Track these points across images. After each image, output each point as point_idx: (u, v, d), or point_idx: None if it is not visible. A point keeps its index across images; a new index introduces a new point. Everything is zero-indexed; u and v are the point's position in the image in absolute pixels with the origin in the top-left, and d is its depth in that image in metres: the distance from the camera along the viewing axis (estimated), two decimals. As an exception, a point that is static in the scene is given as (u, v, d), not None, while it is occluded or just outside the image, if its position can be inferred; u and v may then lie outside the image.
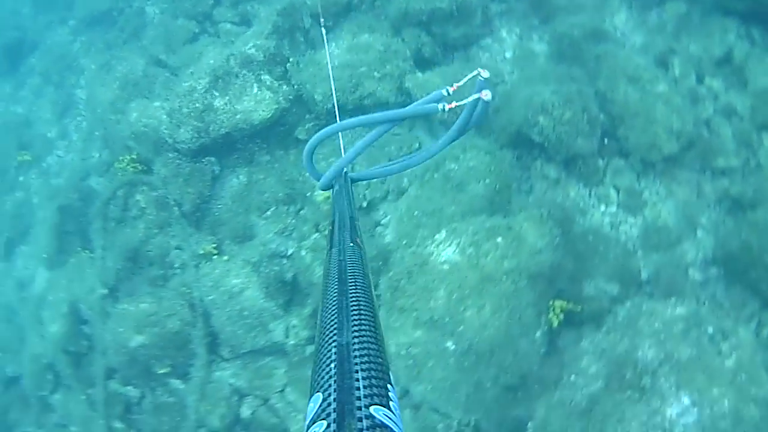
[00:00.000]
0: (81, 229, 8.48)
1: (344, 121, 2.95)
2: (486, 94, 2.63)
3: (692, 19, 7.35)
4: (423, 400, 5.87)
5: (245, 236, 7.12)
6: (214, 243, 7.11)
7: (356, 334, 1.35)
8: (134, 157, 7.63)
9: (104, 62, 9.28)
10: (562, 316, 5.78)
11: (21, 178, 10.20)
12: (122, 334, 6.73)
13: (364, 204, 6.89)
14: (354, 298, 1.55)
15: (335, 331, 1.36)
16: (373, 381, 1.18)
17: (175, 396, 6.82)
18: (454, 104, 2.67)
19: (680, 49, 7.09)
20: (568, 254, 6.04)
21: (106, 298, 7.23)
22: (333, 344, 1.31)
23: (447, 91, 2.77)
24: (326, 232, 6.50)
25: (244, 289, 6.58)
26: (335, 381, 1.16)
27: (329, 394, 1.11)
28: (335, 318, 1.44)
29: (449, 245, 5.64)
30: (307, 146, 2.99)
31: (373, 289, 1.69)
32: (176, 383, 6.87)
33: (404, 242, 6.30)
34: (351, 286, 1.64)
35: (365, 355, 1.27)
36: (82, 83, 10.35)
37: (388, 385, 1.20)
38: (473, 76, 2.72)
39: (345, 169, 3.10)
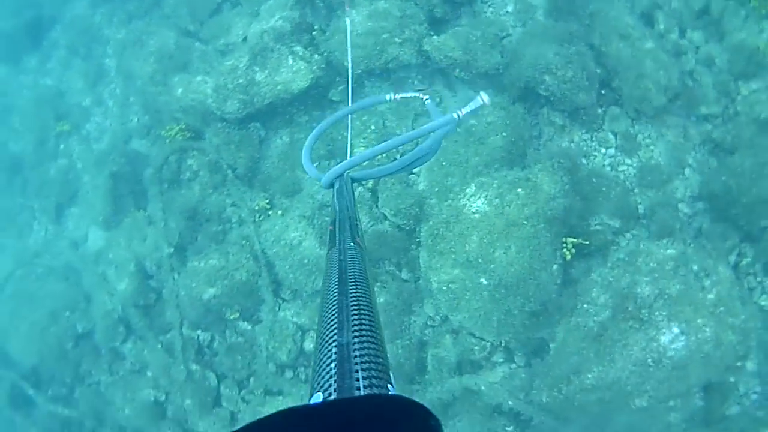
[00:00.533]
0: (133, 190, 9.29)
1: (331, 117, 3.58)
2: (485, 98, 3.15)
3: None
4: (461, 326, 6.91)
5: (294, 190, 7.98)
6: (267, 198, 7.98)
7: (356, 334, 1.36)
8: (182, 126, 8.37)
9: (135, 38, 9.78)
10: (573, 251, 6.74)
11: (62, 146, 10.88)
12: (195, 289, 7.69)
13: (398, 156, 7.73)
14: (354, 298, 1.56)
15: (335, 331, 1.38)
16: (374, 381, 1.20)
17: (244, 336, 7.84)
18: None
19: (663, 2, 7.80)
20: (576, 196, 6.96)
21: (173, 255, 8.13)
22: (333, 344, 1.32)
23: (458, 114, 3.10)
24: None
25: (302, 240, 7.51)
26: (335, 381, 1.19)
27: (329, 394, 1.14)
28: (335, 318, 1.45)
29: (479, 198, 6.56)
30: (306, 143, 3.33)
31: (373, 289, 1.70)
32: (244, 325, 7.89)
33: (436, 189, 7.21)
34: (351, 286, 1.65)
35: (365, 355, 1.28)
36: (110, 53, 10.89)
37: (389, 385, 1.22)
38: (478, 104, 3.13)
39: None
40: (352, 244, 2.13)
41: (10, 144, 11.56)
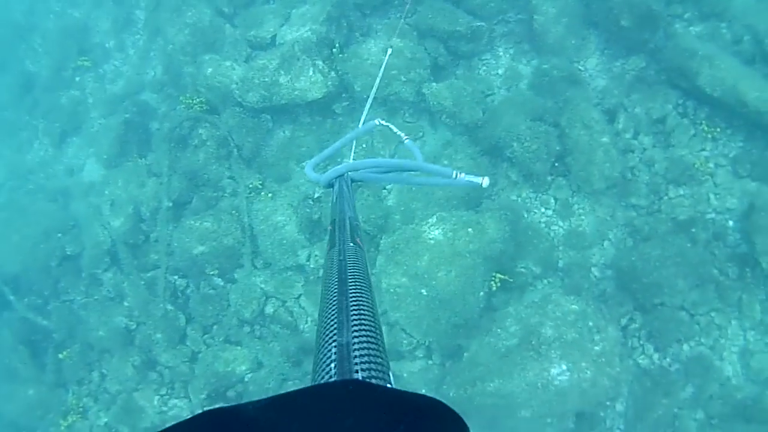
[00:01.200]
0: (139, 138, 11.18)
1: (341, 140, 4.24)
2: (485, 182, 3.49)
3: (646, 78, 10.20)
4: (396, 322, 9.06)
5: (284, 178, 10.04)
6: (260, 180, 10.01)
7: (356, 333, 1.47)
8: (202, 100, 10.30)
9: (173, 3, 11.60)
10: (499, 284, 8.98)
11: (77, 79, 12.64)
12: (188, 243, 9.72)
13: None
14: (354, 298, 1.67)
15: (335, 331, 1.48)
16: (374, 381, 1.30)
17: (216, 290, 9.87)
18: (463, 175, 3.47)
19: (629, 105, 9.97)
20: (512, 242, 9.17)
21: (170, 209, 10.09)
22: (333, 344, 1.43)
23: (456, 173, 3.51)
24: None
25: (285, 224, 9.59)
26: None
27: None
28: (335, 318, 1.56)
29: (437, 228, 8.73)
30: (318, 157, 3.86)
31: (373, 289, 1.80)
32: (218, 281, 9.93)
33: (402, 209, 9.36)
34: (351, 286, 1.75)
35: (365, 354, 1.39)
36: (142, 5, 12.64)
37: (388, 386, 1.31)
38: (476, 181, 3.50)
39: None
40: (352, 244, 2.25)
41: (27, 62, 13.28)
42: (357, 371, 1.33)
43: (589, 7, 10.41)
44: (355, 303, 1.66)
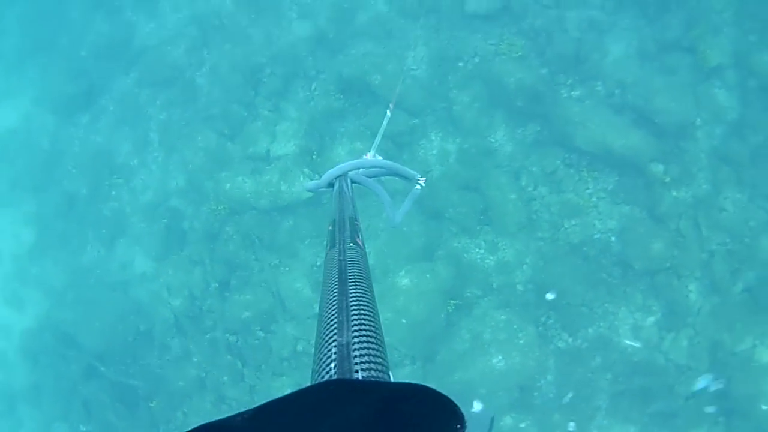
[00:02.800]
0: (176, 236, 17.17)
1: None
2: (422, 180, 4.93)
3: (541, 140, 16.28)
4: (389, 343, 15.13)
5: (294, 255, 16.06)
6: (278, 259, 16.01)
7: (356, 333, 1.69)
8: (225, 207, 16.32)
9: (182, 131, 17.54)
10: (454, 307, 15.10)
11: (113, 193, 18.42)
12: (237, 311, 15.72)
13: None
14: (354, 298, 1.94)
15: (335, 331, 1.71)
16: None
17: (259, 340, 15.90)
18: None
19: (529, 165, 15.94)
20: (459, 277, 15.33)
21: (218, 288, 16.13)
22: (333, 344, 1.64)
23: (419, 182, 4.89)
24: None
25: (302, 289, 15.59)
26: None
27: None
28: (335, 318, 1.80)
29: (406, 278, 14.86)
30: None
31: (373, 289, 2.13)
32: (260, 333, 15.95)
33: (379, 264, 15.47)
34: (351, 285, 2.05)
35: (365, 354, 1.58)
36: (154, 128, 18.41)
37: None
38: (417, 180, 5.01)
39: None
40: (351, 244, 2.59)
41: (65, 182, 19.01)
42: (357, 371, 1.55)
43: (492, 93, 16.38)
44: (355, 303, 1.95)
